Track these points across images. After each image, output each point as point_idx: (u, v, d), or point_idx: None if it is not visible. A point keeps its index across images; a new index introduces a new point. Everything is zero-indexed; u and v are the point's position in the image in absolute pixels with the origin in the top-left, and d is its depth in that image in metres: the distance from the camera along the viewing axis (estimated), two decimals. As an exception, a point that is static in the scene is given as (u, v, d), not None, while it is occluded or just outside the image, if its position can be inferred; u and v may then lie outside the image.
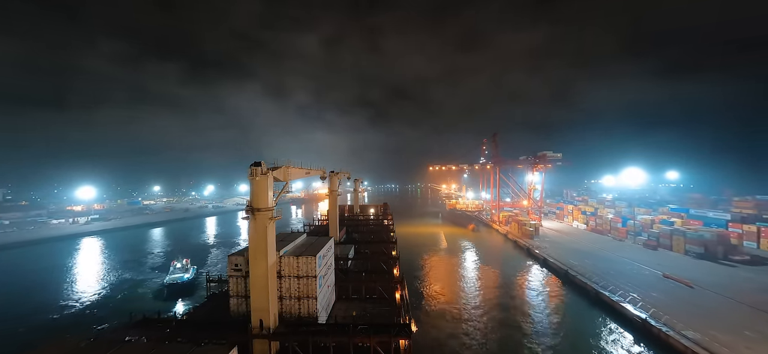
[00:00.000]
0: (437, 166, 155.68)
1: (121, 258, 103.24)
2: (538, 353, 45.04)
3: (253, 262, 27.47)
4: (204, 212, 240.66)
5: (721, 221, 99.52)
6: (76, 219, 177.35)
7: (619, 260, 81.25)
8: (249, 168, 26.67)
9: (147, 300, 67.34)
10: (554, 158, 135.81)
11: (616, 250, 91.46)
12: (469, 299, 64.29)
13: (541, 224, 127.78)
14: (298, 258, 31.05)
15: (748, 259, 77.46)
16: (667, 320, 46.66)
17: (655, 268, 72.39)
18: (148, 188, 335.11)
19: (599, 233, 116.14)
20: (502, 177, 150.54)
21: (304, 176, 38.52)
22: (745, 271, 70.58)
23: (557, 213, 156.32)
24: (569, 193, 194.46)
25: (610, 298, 56.10)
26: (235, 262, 31.79)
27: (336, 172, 61.37)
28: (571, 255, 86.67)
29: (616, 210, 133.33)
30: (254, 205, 26.96)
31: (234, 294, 31.94)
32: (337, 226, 60.45)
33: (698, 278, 65.24)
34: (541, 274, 79.66)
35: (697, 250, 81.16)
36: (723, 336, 42.48)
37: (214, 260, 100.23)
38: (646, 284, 63.07)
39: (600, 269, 73.30)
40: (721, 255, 79.19)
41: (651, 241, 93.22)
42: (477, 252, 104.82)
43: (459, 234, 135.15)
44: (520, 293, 67.76)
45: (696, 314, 49.05)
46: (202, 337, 23.69)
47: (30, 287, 76.07)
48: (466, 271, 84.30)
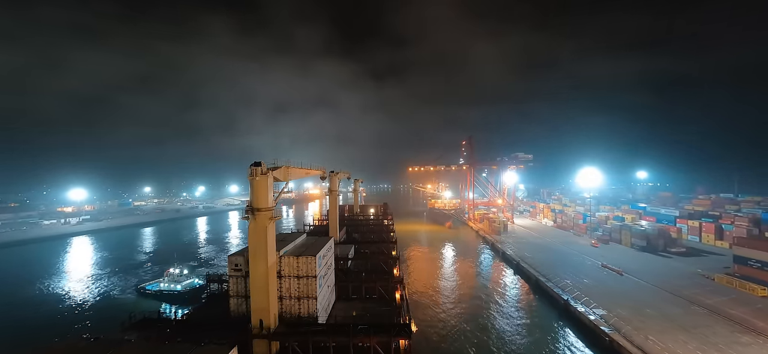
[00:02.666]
0: (417, 167, 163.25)
1: (112, 257, 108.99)
2: (482, 323, 52.85)
3: (253, 262, 27.43)
4: (195, 212, 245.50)
5: (671, 217, 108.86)
6: (68, 220, 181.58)
7: (571, 253, 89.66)
8: (249, 168, 26.48)
9: (130, 300, 68.03)
10: (526, 159, 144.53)
11: (573, 244, 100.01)
12: (435, 284, 71.95)
13: (512, 221, 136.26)
14: (298, 258, 31.20)
15: (683, 251, 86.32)
16: (585, 301, 54.73)
17: (598, 259, 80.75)
18: (139, 189, 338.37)
19: (563, 229, 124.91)
20: (478, 177, 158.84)
21: (304, 176, 38.43)
22: (676, 262, 79.26)
23: (531, 211, 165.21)
24: (545, 193, 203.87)
25: (546, 284, 64.22)
26: (235, 262, 31.78)
27: (336, 172, 61.65)
28: (528, 249, 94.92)
29: (584, 208, 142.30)
30: (254, 205, 26.90)
31: (234, 294, 32.09)
32: (337, 226, 60.52)
33: (632, 268, 73.62)
34: (501, 265, 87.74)
35: (641, 243, 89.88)
36: (625, 313, 50.55)
37: (204, 259, 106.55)
38: (583, 273, 71.33)
39: (550, 261, 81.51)
40: (662, 248, 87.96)
41: (604, 236, 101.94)
42: (450, 246, 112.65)
43: (436, 231, 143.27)
44: (477, 281, 75.71)
45: (611, 296, 57.23)
46: (202, 337, 23.72)
47: (21, 285, 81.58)
48: (437, 262, 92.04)
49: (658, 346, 40.93)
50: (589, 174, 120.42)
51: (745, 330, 44.87)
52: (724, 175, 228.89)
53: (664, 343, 41.83)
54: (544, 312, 57.59)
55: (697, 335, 43.68)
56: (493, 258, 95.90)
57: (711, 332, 44.49)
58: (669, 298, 56.60)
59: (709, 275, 66.35)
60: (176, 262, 77.39)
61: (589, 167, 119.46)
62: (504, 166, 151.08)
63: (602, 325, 46.49)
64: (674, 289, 60.50)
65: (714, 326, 46.23)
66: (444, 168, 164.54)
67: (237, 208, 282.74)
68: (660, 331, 45.04)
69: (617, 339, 42.71)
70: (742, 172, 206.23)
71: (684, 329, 45.37)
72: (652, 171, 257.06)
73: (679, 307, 53.00)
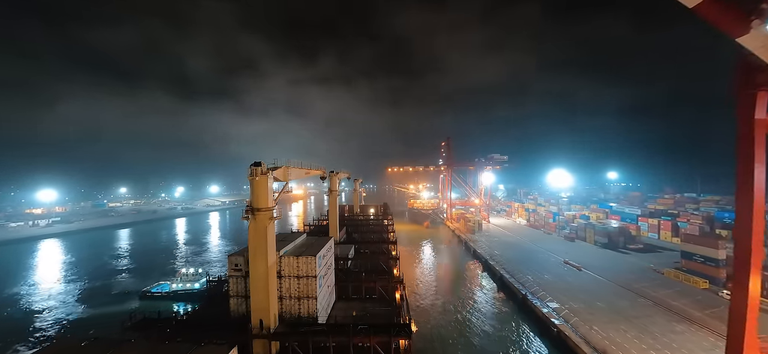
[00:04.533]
0: (396, 167, 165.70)
1: (82, 259, 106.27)
2: (448, 317, 55.23)
3: (253, 262, 27.52)
4: (173, 213, 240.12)
5: (633, 216, 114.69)
6: (36, 222, 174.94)
7: (538, 250, 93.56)
8: (249, 168, 26.48)
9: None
10: (501, 160, 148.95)
11: (541, 242, 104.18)
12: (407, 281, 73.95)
13: (487, 221, 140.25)
14: (298, 258, 31.28)
15: (641, 247, 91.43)
16: (541, 295, 57.87)
17: (562, 256, 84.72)
18: (114, 190, 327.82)
19: (535, 228, 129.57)
20: (456, 177, 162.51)
21: (304, 176, 38.51)
22: (633, 257, 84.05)
23: (507, 210, 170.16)
24: (522, 193, 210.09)
25: (508, 279, 67.30)
26: (235, 262, 31.64)
27: (336, 172, 61.95)
28: (499, 247, 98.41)
29: (557, 207, 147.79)
30: (254, 205, 27.00)
31: (234, 294, 31.95)
32: (337, 226, 60.56)
33: (592, 263, 77.69)
34: (472, 263, 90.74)
35: (603, 240, 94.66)
36: (577, 306, 53.88)
37: (181, 260, 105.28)
38: (546, 269, 74.89)
39: (517, 258, 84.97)
40: (622, 245, 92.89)
41: (571, 234, 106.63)
42: (426, 245, 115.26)
43: (415, 230, 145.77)
44: (446, 277, 78.43)
45: (567, 290, 60.65)
46: (202, 337, 23.65)
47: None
48: (413, 261, 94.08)
49: (600, 336, 44.10)
50: (558, 175, 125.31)
51: (681, 320, 48.74)
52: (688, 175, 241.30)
53: (606, 332, 45.08)
54: (505, 305, 60.61)
55: (638, 325, 47.20)
56: (466, 256, 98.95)
57: (651, 322, 48.11)
58: (620, 292, 60.42)
59: (659, 270, 70.94)
60: (186, 263, 78.27)
61: (558, 169, 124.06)
62: (481, 166, 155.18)
63: (553, 317, 49.50)
64: (626, 283, 64.50)
65: (654, 317, 49.96)
66: (423, 169, 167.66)
67: (217, 208, 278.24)
68: (606, 322, 48.38)
69: (564, 329, 45.72)
70: (705, 172, 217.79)
71: (627, 320, 48.86)
72: (623, 172, 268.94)
73: (627, 300, 56.77)
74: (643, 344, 42.03)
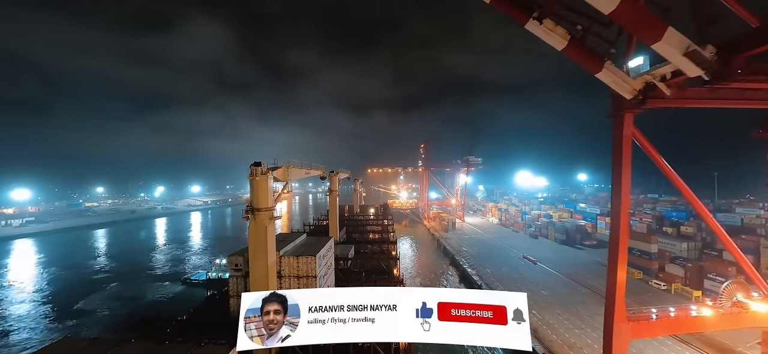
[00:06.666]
0: (376, 168, 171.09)
1: (59, 257, 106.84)
2: None
3: (253, 262, 27.58)
4: (153, 213, 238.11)
5: (592, 215, 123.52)
6: (9, 221, 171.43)
7: (503, 246, 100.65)
8: (249, 168, 26.62)
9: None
10: (476, 162, 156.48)
11: (508, 239, 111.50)
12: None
13: (462, 220, 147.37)
14: (298, 258, 31.39)
15: (594, 243, 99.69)
16: (495, 286, 64.34)
17: (523, 252, 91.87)
18: (90, 190, 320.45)
19: (506, 226, 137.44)
20: (433, 178, 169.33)
21: (304, 176, 38.53)
22: (586, 253, 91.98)
23: (482, 210, 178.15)
24: (498, 193, 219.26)
25: (468, 271, 73.76)
26: (235, 262, 31.75)
27: (336, 171, 61.73)
28: (467, 244, 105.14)
29: (528, 207, 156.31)
30: (254, 205, 27.09)
31: (234, 294, 31.76)
32: (337, 226, 60.37)
33: (548, 258, 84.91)
34: (442, 259, 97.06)
35: (561, 237, 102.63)
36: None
37: (160, 261, 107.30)
38: (505, 262, 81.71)
39: (482, 253, 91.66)
40: (578, 241, 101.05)
41: (535, 232, 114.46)
42: (403, 241, 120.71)
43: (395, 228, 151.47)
44: (415, 270, 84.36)
45: (519, 281, 67.39)
46: (202, 337, 23.75)
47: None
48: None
49: (536, 317, 50.47)
50: (525, 177, 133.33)
51: (610, 304, 55.76)
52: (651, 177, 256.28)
53: (542, 315, 51.60)
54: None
55: (571, 309, 53.95)
56: (437, 252, 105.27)
57: (583, 307, 54.94)
58: (564, 282, 67.50)
59: (605, 263, 78.45)
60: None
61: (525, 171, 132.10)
62: (456, 168, 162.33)
63: (500, 304, 55.72)
64: (572, 274, 71.72)
65: (588, 302, 56.85)
66: (402, 169, 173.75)
67: (199, 208, 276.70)
68: (544, 306, 54.97)
69: (506, 313, 51.87)
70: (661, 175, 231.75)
71: (563, 305, 55.57)
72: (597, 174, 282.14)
73: (569, 288, 63.79)
74: (570, 324, 48.70)
